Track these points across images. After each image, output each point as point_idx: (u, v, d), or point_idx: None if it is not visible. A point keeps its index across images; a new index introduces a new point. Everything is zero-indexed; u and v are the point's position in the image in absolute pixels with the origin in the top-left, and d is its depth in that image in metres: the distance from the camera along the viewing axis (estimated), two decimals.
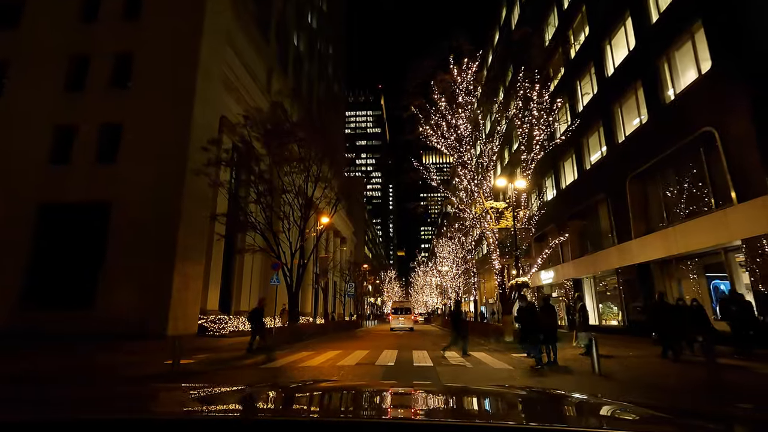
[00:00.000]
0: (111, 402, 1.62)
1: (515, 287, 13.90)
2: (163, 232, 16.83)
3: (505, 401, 1.77)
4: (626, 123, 17.41)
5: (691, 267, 14.48)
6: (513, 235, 14.12)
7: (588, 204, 21.00)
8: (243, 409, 1.60)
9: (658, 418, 1.42)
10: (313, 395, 1.87)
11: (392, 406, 1.63)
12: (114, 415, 1.24)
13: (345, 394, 1.88)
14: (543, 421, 1.43)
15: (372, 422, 1.23)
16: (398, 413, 1.51)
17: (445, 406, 1.62)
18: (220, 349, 13.99)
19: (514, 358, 11.75)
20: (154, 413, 1.38)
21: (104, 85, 19.08)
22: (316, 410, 1.58)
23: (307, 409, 1.62)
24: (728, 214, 11.58)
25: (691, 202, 13.78)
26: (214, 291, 21.83)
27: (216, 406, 1.60)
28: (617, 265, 17.97)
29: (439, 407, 1.61)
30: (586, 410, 1.64)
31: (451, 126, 16.35)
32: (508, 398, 1.84)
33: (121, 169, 17.72)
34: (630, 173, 16.65)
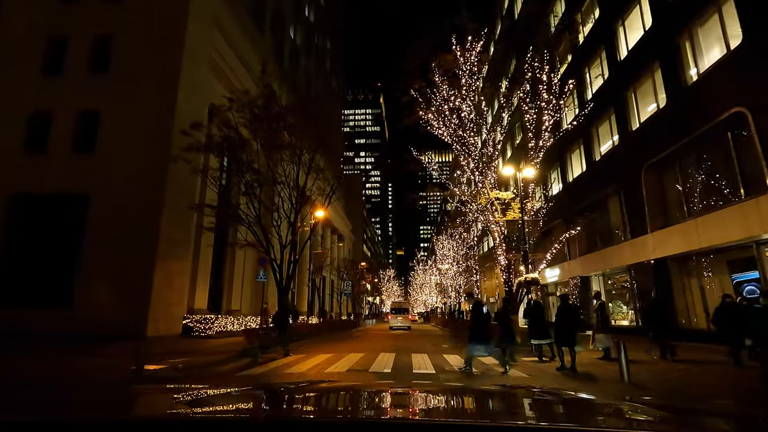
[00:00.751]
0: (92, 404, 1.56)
1: (523, 284, 12.75)
2: (144, 226, 15.68)
3: (506, 400, 1.75)
4: (641, 109, 16.26)
5: (714, 263, 13.35)
6: (521, 227, 12.96)
7: (597, 197, 19.86)
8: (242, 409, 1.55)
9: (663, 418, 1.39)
10: (313, 396, 1.85)
11: (392, 406, 1.60)
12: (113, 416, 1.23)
13: (345, 395, 1.86)
14: (544, 420, 1.40)
15: (372, 422, 1.21)
16: (398, 413, 1.50)
17: (445, 405, 1.60)
18: (202, 351, 12.82)
19: (526, 362, 10.61)
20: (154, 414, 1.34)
21: (83, 69, 17.87)
22: (315, 410, 1.55)
23: (306, 410, 1.57)
24: (761, 203, 10.45)
25: (715, 191, 12.64)
26: (202, 289, 20.67)
27: (213, 406, 1.58)
28: (630, 262, 16.83)
29: (439, 407, 1.59)
30: (589, 409, 1.62)
31: (454, 111, 15.19)
32: (509, 397, 1.83)
33: (100, 159, 16.54)
34: (645, 163, 15.50)
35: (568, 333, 8.99)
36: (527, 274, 12.49)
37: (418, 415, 1.41)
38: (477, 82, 15.07)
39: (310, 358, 11.45)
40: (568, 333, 8.99)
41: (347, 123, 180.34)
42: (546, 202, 17.13)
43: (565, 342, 9.04)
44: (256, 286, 25.77)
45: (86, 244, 15.96)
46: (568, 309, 9.52)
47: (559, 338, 9.27)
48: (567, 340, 9.01)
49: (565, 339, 9.06)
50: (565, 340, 9.04)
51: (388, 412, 1.53)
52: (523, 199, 13.58)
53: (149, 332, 15.06)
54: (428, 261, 63.37)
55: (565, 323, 9.05)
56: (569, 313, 9.43)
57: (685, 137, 13.39)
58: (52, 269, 16.13)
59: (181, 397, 1.68)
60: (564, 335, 9.06)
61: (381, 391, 2.05)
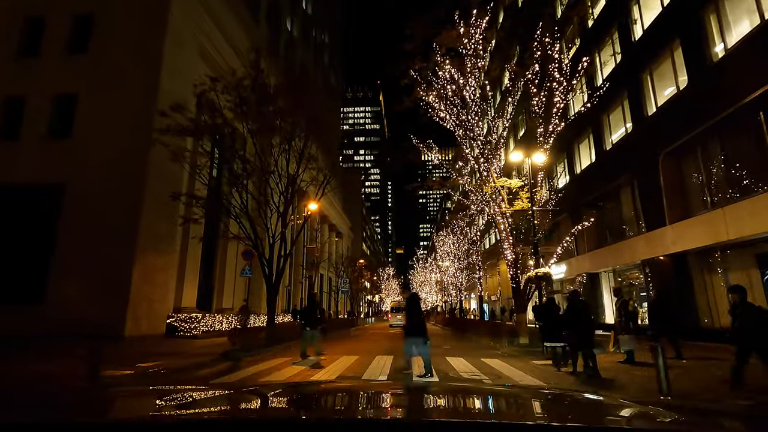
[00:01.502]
0: None
1: (533, 280, 11.61)
2: (122, 217, 14.55)
3: (507, 400, 1.73)
4: (658, 92, 15.11)
5: (741, 257, 12.24)
6: (530, 218, 11.82)
7: (608, 189, 18.75)
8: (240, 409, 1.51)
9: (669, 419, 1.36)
10: (312, 395, 1.80)
11: (391, 406, 1.57)
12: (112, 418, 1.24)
13: (344, 395, 1.82)
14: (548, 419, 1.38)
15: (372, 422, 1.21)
16: (397, 413, 1.47)
17: (445, 405, 1.57)
18: (182, 353, 11.69)
19: (538, 366, 9.49)
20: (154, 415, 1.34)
21: (61, 50, 16.71)
22: (314, 410, 1.49)
23: (304, 409, 1.52)
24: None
25: (745, 178, 11.50)
26: (190, 286, 19.57)
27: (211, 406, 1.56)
28: (644, 257, 15.70)
29: (439, 406, 1.55)
30: (591, 409, 1.58)
31: (457, 93, 14.04)
32: (510, 397, 1.80)
33: (77, 145, 15.40)
34: (663, 150, 14.38)
35: (585, 334, 7.92)
36: (538, 269, 11.35)
37: (417, 415, 1.39)
38: (482, 62, 13.90)
39: (297, 362, 10.33)
40: (585, 334, 7.92)
41: (346, 120, 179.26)
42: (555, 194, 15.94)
43: (582, 344, 7.97)
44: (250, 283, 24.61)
45: (61, 236, 14.83)
46: (581, 307, 8.45)
47: (574, 340, 8.21)
48: (584, 343, 7.94)
49: (581, 341, 7.99)
50: (582, 342, 7.97)
51: (387, 411, 1.49)
52: (532, 188, 12.43)
53: (128, 332, 13.95)
54: (428, 259, 62.28)
55: (579, 323, 7.99)
56: (583, 311, 8.35)
57: (708, 120, 12.27)
58: (23, 264, 15.01)
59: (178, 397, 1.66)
60: (579, 337, 7.98)
61: (380, 391, 2.00)
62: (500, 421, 1.30)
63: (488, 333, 16.79)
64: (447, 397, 1.72)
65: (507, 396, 1.82)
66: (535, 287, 13.51)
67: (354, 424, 1.15)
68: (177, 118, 12.26)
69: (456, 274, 32.36)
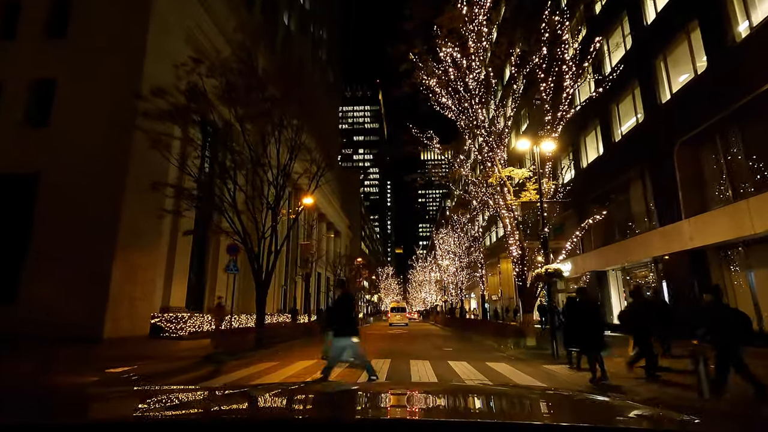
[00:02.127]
0: None
1: (543, 277, 10.70)
2: (102, 210, 13.62)
3: (508, 400, 1.71)
4: (673, 78, 14.23)
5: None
6: (539, 210, 10.91)
7: (617, 183, 17.87)
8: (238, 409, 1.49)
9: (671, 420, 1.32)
10: (311, 396, 1.77)
11: (392, 406, 1.53)
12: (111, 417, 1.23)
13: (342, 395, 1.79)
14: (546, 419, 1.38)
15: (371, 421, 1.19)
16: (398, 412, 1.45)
17: (445, 405, 1.56)
18: (162, 356, 10.77)
19: (549, 371, 8.60)
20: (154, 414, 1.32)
21: (39, 34, 15.76)
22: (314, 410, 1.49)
23: (303, 409, 1.50)
24: None
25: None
26: (179, 284, 18.62)
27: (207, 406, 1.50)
28: (657, 253, 14.80)
29: (440, 406, 1.54)
30: (592, 409, 1.56)
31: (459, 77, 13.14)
32: (511, 397, 1.78)
33: (54, 133, 14.47)
34: (678, 139, 13.50)
35: (592, 334, 7.18)
36: (548, 265, 10.45)
37: (415, 415, 1.36)
38: (486, 42, 12.97)
39: (286, 367, 9.42)
40: (592, 334, 7.18)
41: (345, 120, 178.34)
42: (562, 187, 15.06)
43: (590, 346, 7.21)
44: (243, 281, 23.70)
45: (35, 230, 13.89)
46: (588, 304, 7.75)
47: (582, 342, 7.45)
48: (591, 343, 7.17)
49: (588, 342, 7.21)
50: (589, 343, 7.19)
51: (387, 411, 1.47)
52: (540, 178, 11.52)
53: (107, 333, 13.03)
54: (427, 258, 61.40)
55: (586, 322, 7.33)
56: (591, 309, 7.61)
57: (730, 105, 11.39)
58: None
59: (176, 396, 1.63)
60: (587, 337, 7.23)
61: (380, 391, 1.98)
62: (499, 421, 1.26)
63: (492, 334, 15.89)
64: (446, 398, 1.69)
65: (506, 396, 1.80)
66: (542, 286, 12.62)
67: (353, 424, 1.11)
68: (157, 102, 11.32)
69: (456, 273, 31.44)
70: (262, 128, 12.29)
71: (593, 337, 7.25)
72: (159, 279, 17.00)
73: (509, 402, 1.66)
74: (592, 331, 7.29)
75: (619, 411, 1.49)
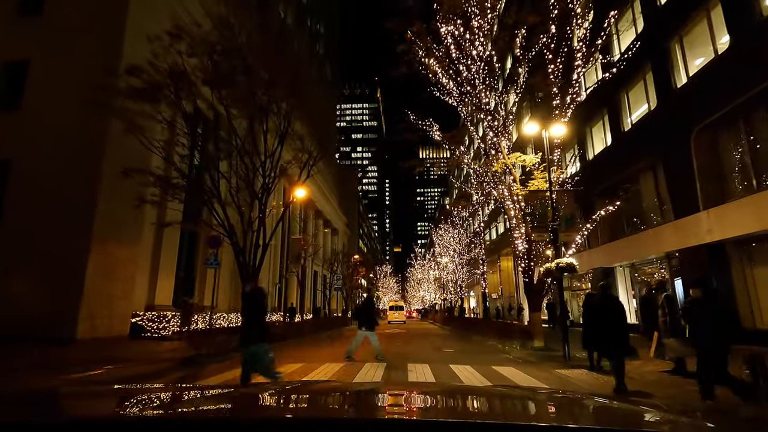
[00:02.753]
0: None
1: (553, 272, 9.78)
2: (76, 200, 12.65)
3: (508, 400, 1.68)
4: (689, 61, 13.33)
5: None
6: (549, 199, 9.98)
7: (626, 174, 16.96)
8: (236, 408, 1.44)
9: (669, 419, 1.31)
10: (310, 395, 1.73)
11: (391, 405, 1.50)
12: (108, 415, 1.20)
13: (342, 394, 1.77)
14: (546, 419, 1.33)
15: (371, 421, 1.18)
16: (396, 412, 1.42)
17: (445, 405, 1.54)
18: (139, 358, 9.82)
19: (564, 377, 7.69)
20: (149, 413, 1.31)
21: (12, 12, 14.75)
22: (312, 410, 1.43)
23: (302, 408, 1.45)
24: None
25: None
26: (166, 281, 17.69)
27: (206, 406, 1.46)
28: (673, 248, 13.92)
29: (440, 406, 1.51)
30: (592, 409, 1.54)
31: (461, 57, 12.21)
32: (511, 397, 1.76)
33: (26, 117, 13.47)
34: (696, 125, 12.59)
35: (616, 335, 6.37)
36: (560, 259, 9.53)
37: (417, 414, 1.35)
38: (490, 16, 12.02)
39: None
40: (616, 335, 6.37)
41: (344, 117, 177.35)
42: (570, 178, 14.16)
43: (612, 349, 6.45)
44: (235, 278, 22.70)
45: (5, 220, 12.91)
46: (610, 302, 6.83)
47: (603, 344, 6.67)
48: (614, 346, 6.38)
49: (611, 344, 6.42)
50: (612, 345, 6.41)
51: (386, 411, 1.44)
52: (550, 164, 10.59)
53: (81, 333, 12.07)
54: (426, 256, 60.52)
55: (608, 321, 6.51)
56: (615, 307, 6.69)
57: (755, 86, 10.49)
58: None
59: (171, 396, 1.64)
60: (609, 339, 6.42)
61: (379, 391, 1.97)
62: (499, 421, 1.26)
63: (495, 334, 14.98)
64: (445, 397, 1.68)
65: (506, 397, 1.78)
66: (550, 282, 11.71)
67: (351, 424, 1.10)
68: (135, 82, 10.35)
69: (456, 270, 30.53)
70: (249, 111, 11.30)
71: (617, 339, 6.37)
72: (142, 275, 16.05)
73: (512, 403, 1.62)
74: (615, 333, 6.41)
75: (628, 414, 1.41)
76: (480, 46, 12.08)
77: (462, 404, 1.54)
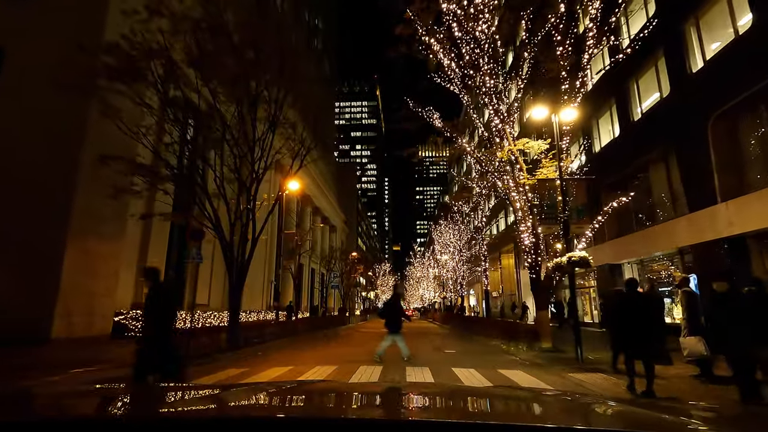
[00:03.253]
0: None
1: (564, 267, 9.00)
2: (53, 191, 11.86)
3: (508, 401, 1.66)
4: (706, 44, 12.54)
5: None
6: (557, 189, 9.19)
7: (635, 166, 16.20)
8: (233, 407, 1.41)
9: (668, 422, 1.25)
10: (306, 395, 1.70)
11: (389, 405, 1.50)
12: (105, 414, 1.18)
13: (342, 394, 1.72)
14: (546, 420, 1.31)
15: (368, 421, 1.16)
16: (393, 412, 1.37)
17: (444, 405, 1.52)
18: (114, 360, 9.03)
19: (576, 381, 6.93)
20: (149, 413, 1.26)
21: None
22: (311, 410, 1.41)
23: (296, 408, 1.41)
24: None
25: None
26: None
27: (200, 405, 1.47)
28: (687, 242, 13.15)
29: (439, 406, 1.49)
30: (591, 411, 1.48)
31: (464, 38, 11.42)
32: (511, 398, 1.74)
33: (1, 104, 12.65)
34: (714, 111, 11.82)
35: (642, 335, 5.77)
36: (572, 253, 8.75)
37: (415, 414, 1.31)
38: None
39: (255, 375, 7.70)
40: (642, 335, 5.77)
41: (343, 115, 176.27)
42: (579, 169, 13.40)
43: (640, 349, 5.85)
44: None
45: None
46: (640, 300, 6.12)
47: (627, 343, 6.06)
48: (640, 347, 5.81)
49: (637, 345, 5.84)
50: (638, 346, 5.83)
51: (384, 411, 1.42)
52: (559, 152, 9.81)
53: (57, 332, 11.30)
54: (425, 254, 59.78)
55: (634, 320, 5.90)
56: (643, 305, 6.02)
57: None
58: None
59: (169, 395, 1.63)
60: (635, 339, 5.83)
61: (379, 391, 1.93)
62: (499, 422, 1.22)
63: (500, 334, 14.20)
64: (444, 397, 1.66)
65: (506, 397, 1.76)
66: (559, 278, 10.94)
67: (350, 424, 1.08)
68: (111, 60, 9.55)
69: (457, 268, 29.75)
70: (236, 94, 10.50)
71: (644, 338, 5.66)
72: (128, 271, 15.29)
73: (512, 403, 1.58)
74: (642, 331, 5.74)
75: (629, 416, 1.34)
76: (484, 24, 11.27)
77: (460, 404, 1.52)
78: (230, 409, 1.34)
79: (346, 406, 1.47)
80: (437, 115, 13.60)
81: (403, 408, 1.45)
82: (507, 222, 31.99)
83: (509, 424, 1.14)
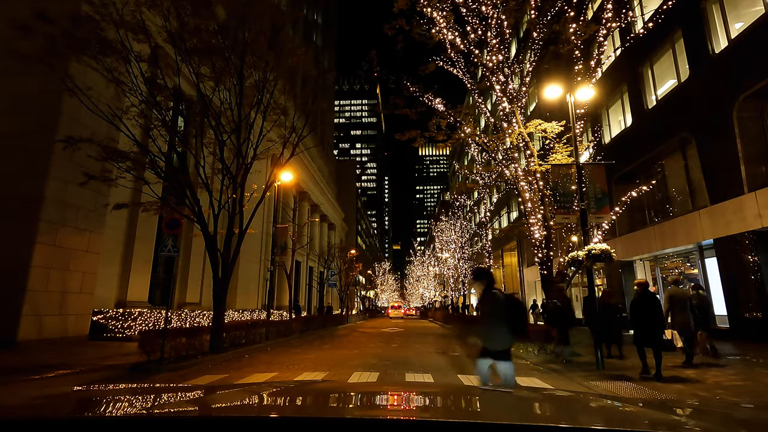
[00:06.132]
0: None
1: (581, 262, 8.05)
2: (19, 179, 10.90)
3: (508, 400, 1.63)
4: (730, 23, 11.60)
5: None
6: (576, 173, 8.23)
7: (649, 157, 15.28)
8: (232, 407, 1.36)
9: None
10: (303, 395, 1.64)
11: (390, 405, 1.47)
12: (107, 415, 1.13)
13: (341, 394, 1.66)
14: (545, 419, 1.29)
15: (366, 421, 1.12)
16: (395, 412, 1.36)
17: (443, 405, 1.47)
18: (84, 364, 8.12)
19: (601, 388, 5.99)
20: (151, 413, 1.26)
21: None
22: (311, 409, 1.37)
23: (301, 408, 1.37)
24: None
25: None
26: (141, 275, 16.00)
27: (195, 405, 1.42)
28: (709, 236, 12.21)
29: (438, 406, 1.44)
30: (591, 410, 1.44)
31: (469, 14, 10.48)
32: (511, 397, 1.72)
33: None
34: (741, 94, 10.87)
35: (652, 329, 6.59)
36: (592, 245, 7.80)
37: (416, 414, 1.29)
38: None
39: (234, 381, 6.76)
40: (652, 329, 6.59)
41: (343, 114, 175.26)
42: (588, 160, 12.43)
43: (648, 340, 6.68)
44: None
45: None
46: (649, 298, 6.83)
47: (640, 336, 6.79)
48: (650, 338, 6.64)
49: (647, 336, 6.67)
50: (648, 337, 6.66)
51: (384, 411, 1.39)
52: (575, 136, 8.85)
53: (24, 334, 10.34)
54: (426, 252, 58.84)
55: (645, 316, 6.71)
56: (651, 303, 6.78)
57: None
58: None
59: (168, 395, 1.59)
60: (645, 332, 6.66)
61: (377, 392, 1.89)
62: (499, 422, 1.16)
63: None
64: (444, 398, 1.61)
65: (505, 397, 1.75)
66: (573, 273, 10.00)
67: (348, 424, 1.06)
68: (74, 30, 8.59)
69: (459, 265, 28.79)
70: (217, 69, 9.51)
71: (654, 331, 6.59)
72: (110, 267, 14.37)
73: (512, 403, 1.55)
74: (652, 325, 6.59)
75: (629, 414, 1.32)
76: None
77: (461, 404, 1.49)
78: (221, 410, 1.29)
79: (343, 406, 1.41)
80: (439, 99, 12.64)
81: (402, 408, 1.41)
82: (510, 219, 31.06)
83: (510, 424, 1.06)
